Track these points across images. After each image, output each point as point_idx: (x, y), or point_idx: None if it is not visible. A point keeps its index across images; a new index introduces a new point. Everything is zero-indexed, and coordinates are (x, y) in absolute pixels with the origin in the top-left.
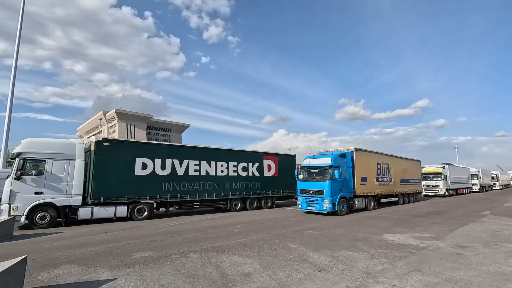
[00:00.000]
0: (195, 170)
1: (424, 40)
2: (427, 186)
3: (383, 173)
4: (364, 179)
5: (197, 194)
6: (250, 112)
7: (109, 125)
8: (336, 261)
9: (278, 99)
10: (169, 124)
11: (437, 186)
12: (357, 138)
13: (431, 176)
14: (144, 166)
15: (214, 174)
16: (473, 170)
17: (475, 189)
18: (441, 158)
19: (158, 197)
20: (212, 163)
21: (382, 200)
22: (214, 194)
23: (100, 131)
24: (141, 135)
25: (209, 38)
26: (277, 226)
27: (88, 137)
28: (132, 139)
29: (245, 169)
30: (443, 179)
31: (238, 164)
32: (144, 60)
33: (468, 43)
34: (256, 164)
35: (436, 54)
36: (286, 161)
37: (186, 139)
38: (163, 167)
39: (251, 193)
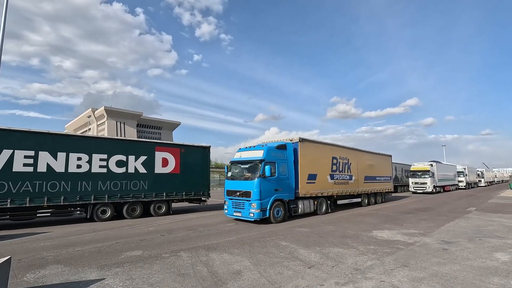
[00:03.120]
0: (27, 165)
1: (415, 40)
2: (415, 183)
3: (340, 169)
4: (312, 177)
5: (28, 199)
6: (243, 110)
7: (99, 122)
8: (326, 258)
9: (271, 97)
10: (160, 122)
11: (425, 183)
12: (348, 136)
13: (419, 173)
14: None
15: (63, 171)
16: (459, 168)
17: (461, 186)
18: (429, 155)
19: None
20: (61, 155)
21: (340, 202)
22: (62, 198)
23: (89, 129)
24: (131, 133)
25: (201, 35)
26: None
27: None
28: None
29: (121, 163)
30: (430, 177)
31: (109, 157)
32: (135, 57)
33: (457, 43)
34: (143, 158)
35: (427, 54)
36: (194, 155)
37: (178, 137)
38: None
39: (131, 195)
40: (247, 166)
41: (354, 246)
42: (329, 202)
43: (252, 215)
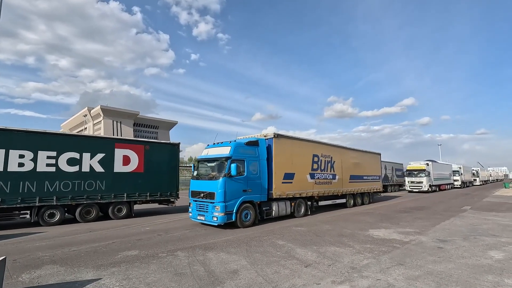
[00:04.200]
0: None
1: (411, 39)
2: (411, 182)
3: (322, 167)
4: (289, 176)
5: None
6: (240, 110)
7: (95, 121)
8: (323, 257)
9: (268, 97)
10: (156, 121)
11: (421, 182)
12: (345, 136)
13: (415, 172)
14: None
15: (1, 170)
16: (455, 167)
17: (457, 185)
18: (425, 155)
19: None
20: (0, 152)
21: (322, 203)
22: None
23: (85, 128)
24: (127, 132)
25: (198, 35)
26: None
27: None
28: None
29: (74, 161)
30: (426, 176)
31: (59, 155)
32: (132, 56)
33: (453, 43)
34: (100, 156)
35: (423, 53)
36: (161, 152)
37: (175, 136)
38: None
39: (85, 197)
40: (213, 164)
41: (351, 245)
42: (309, 203)
43: (215, 219)
